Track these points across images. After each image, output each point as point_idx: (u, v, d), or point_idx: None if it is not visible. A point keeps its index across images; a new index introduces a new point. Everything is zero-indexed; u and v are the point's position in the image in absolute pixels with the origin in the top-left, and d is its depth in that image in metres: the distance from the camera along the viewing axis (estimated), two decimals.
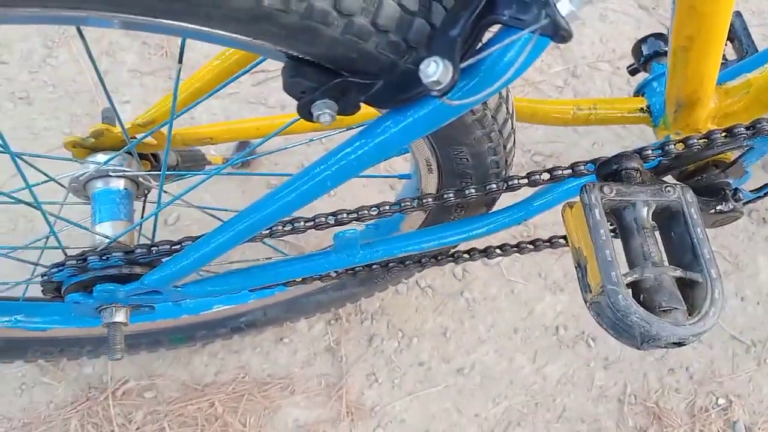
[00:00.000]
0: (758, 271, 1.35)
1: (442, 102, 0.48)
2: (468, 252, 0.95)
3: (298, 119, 0.56)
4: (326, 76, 0.52)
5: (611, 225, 0.65)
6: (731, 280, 1.35)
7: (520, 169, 1.42)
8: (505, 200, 0.83)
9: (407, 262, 0.94)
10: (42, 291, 0.83)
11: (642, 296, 0.58)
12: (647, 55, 1.01)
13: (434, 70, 0.45)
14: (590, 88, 1.60)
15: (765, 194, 0.94)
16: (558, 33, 0.42)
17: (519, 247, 0.93)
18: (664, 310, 0.56)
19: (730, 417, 1.22)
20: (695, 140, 0.71)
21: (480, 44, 0.49)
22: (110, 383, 1.24)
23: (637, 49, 1.04)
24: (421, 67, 0.45)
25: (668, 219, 0.65)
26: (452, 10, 0.48)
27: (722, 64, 0.96)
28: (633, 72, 1.07)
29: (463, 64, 0.46)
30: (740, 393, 1.24)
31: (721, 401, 1.23)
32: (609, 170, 0.66)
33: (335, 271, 0.91)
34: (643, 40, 1.03)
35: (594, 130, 1.50)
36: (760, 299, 1.33)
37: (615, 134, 1.51)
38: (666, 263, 0.62)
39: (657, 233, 0.68)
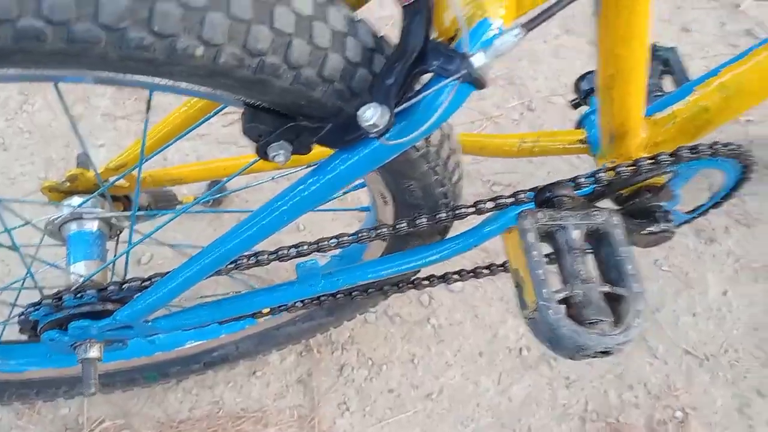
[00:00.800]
0: (707, 288, 1.43)
1: (380, 142, 0.54)
2: (428, 278, 1.01)
3: (259, 159, 0.62)
4: (280, 120, 0.58)
5: (549, 247, 0.71)
6: (683, 298, 1.42)
7: (481, 198, 1.49)
8: (459, 227, 0.90)
9: (370, 291, 0.99)
10: (20, 330, 0.87)
11: (573, 311, 0.64)
12: (586, 90, 1.09)
13: (371, 115, 0.51)
14: (545, 121, 1.69)
15: (699, 215, 1.02)
16: (476, 81, 0.49)
17: (475, 272, 0.99)
18: (592, 323, 0.62)
19: (686, 429, 1.27)
20: (623, 168, 0.78)
21: (416, 89, 0.56)
22: (86, 424, 1.25)
23: (577, 85, 1.12)
24: (359, 112, 0.51)
25: (598, 240, 0.71)
26: (388, 61, 0.55)
27: (658, 96, 1.05)
28: (575, 106, 1.16)
29: (398, 109, 0.53)
30: (696, 405, 1.30)
31: (678, 414, 1.29)
32: (544, 197, 0.73)
33: (301, 301, 0.96)
34: (583, 76, 1.11)
35: (549, 161, 1.59)
36: (711, 315, 1.40)
37: (570, 164, 1.59)
38: (596, 280, 0.68)
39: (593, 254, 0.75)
